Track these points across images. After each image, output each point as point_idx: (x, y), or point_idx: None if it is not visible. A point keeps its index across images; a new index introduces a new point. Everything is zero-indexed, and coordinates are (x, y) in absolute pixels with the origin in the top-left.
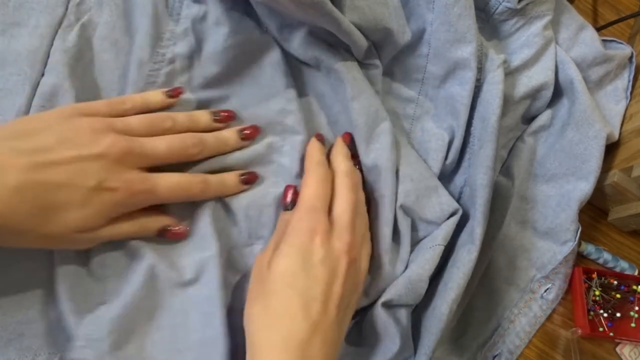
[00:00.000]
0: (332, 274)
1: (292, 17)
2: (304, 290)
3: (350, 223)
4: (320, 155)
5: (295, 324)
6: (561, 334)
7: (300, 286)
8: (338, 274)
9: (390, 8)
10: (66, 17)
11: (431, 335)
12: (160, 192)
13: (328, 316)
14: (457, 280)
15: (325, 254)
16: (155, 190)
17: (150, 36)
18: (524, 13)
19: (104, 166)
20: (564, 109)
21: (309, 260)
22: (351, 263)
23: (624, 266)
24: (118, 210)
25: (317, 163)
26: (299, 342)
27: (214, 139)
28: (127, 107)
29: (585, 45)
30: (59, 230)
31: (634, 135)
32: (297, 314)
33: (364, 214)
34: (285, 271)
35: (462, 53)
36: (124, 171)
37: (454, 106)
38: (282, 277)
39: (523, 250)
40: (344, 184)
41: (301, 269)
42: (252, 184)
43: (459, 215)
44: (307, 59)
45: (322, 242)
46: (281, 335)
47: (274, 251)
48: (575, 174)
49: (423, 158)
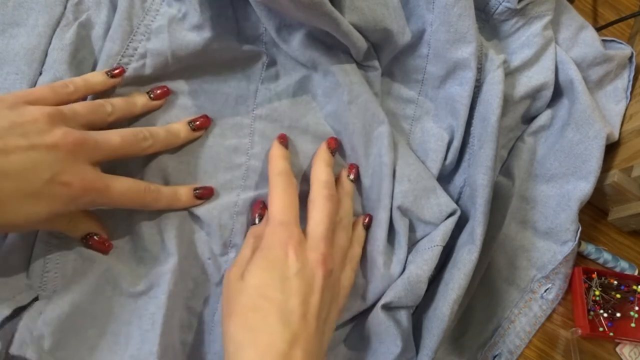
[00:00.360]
0: (308, 286)
1: (291, 17)
2: (281, 303)
3: (325, 234)
4: (282, 164)
5: (274, 337)
6: (561, 334)
7: (277, 299)
8: (314, 286)
9: (390, 9)
10: (64, 16)
11: (433, 336)
12: (113, 194)
13: (307, 328)
14: (458, 281)
15: (300, 266)
16: (109, 190)
17: (123, 29)
18: (524, 13)
19: (58, 158)
20: (564, 109)
21: (284, 273)
22: (327, 274)
23: (624, 266)
24: (68, 207)
25: (279, 174)
26: (278, 355)
27: (164, 131)
28: (70, 90)
29: (585, 45)
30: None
31: (634, 135)
32: (276, 327)
33: (347, 227)
34: (261, 285)
35: (462, 53)
36: (78, 165)
37: (454, 106)
38: (257, 290)
39: (523, 250)
40: (319, 194)
41: (277, 282)
42: (206, 199)
43: (457, 215)
44: (305, 61)
45: (296, 255)
46: (260, 350)
47: (247, 265)
48: (575, 174)
49: (422, 159)
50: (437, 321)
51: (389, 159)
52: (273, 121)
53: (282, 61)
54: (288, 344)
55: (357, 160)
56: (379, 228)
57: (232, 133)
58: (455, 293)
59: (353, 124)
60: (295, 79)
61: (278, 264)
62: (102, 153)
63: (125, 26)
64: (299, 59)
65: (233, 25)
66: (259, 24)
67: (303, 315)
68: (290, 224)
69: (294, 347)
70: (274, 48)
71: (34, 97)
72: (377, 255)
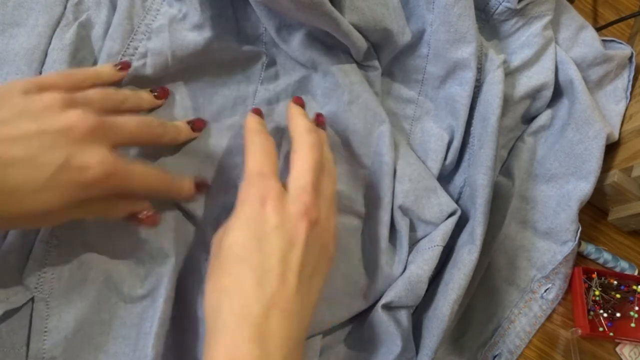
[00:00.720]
0: (289, 241)
1: (291, 17)
2: (257, 262)
3: (310, 183)
4: (257, 125)
5: (248, 299)
6: (561, 334)
7: (252, 259)
8: (296, 241)
9: (390, 9)
10: (64, 16)
11: (433, 337)
12: (134, 177)
13: (287, 288)
14: (458, 281)
15: (279, 220)
16: (130, 173)
17: (123, 28)
18: (524, 13)
19: (71, 141)
20: (564, 109)
21: (261, 229)
22: (312, 226)
23: (624, 266)
24: (87, 194)
25: (255, 131)
26: (254, 318)
27: (171, 125)
28: (80, 78)
29: (585, 45)
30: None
31: (634, 135)
32: (249, 289)
33: (330, 172)
34: (235, 244)
35: (462, 53)
36: (95, 148)
37: (454, 106)
38: (232, 251)
39: (523, 250)
40: (302, 141)
41: (253, 240)
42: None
43: (457, 215)
44: (305, 61)
45: (275, 208)
46: (234, 314)
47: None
48: (575, 174)
49: (422, 159)
50: (437, 321)
51: (390, 158)
52: (271, 122)
53: (282, 61)
54: (264, 306)
55: (358, 160)
56: (381, 227)
57: (230, 133)
58: (455, 293)
59: (354, 124)
60: (295, 79)
61: (254, 220)
62: (119, 137)
63: (126, 25)
64: (298, 59)
65: (233, 25)
66: (259, 24)
67: (282, 274)
68: (268, 176)
69: (272, 309)
70: (274, 48)
71: (46, 83)
72: (379, 255)
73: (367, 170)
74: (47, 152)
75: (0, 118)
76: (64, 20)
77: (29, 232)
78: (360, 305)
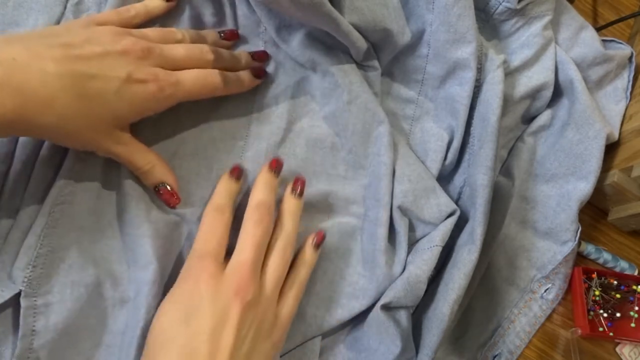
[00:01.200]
0: (219, 321)
1: (291, 18)
2: (184, 342)
3: (248, 260)
4: (220, 200)
5: None
6: (561, 334)
7: (179, 338)
8: (228, 320)
9: (390, 9)
10: (64, 16)
11: (433, 337)
12: (186, 85)
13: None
14: (458, 281)
15: (210, 296)
16: (181, 83)
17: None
18: (524, 13)
19: (130, 61)
20: (564, 109)
21: (191, 305)
22: (246, 305)
23: (624, 266)
24: (149, 106)
25: (213, 209)
26: None
27: (227, 52)
28: (132, 14)
29: (585, 45)
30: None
31: (634, 135)
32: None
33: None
34: (167, 321)
35: (462, 53)
36: (148, 67)
37: (454, 106)
38: (162, 333)
39: (523, 250)
40: (248, 216)
41: (182, 320)
42: (261, 78)
43: (456, 216)
44: (304, 61)
45: (207, 287)
46: None
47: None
48: (575, 174)
49: (422, 159)
50: (437, 321)
51: (389, 159)
52: (269, 124)
53: (282, 61)
54: None
55: (357, 161)
56: (380, 227)
57: (228, 136)
58: (455, 293)
59: (353, 125)
60: (294, 79)
61: (186, 297)
62: (167, 62)
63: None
64: (298, 59)
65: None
66: (259, 24)
67: (210, 354)
68: (207, 257)
69: None
70: (274, 48)
71: (101, 19)
72: (378, 255)
73: (365, 171)
74: (114, 69)
75: (72, 43)
76: (63, 20)
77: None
78: (359, 305)
